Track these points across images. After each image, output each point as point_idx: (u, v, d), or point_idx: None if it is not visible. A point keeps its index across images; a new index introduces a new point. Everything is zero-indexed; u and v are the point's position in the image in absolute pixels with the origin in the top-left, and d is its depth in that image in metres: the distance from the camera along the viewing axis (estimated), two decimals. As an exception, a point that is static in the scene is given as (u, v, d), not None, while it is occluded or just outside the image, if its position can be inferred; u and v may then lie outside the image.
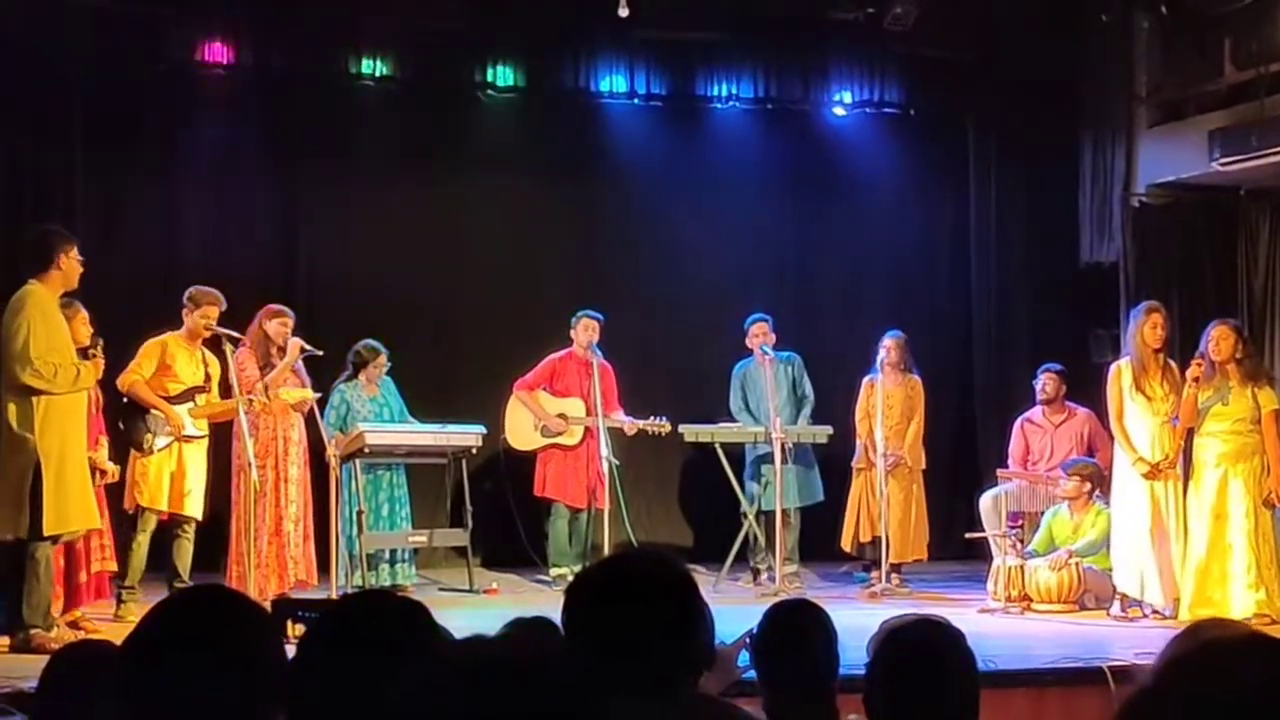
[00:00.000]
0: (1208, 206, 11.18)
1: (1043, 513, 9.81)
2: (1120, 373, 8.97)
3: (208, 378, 8.77)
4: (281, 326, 9.13)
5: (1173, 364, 8.98)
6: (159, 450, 8.55)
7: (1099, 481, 9.48)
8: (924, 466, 10.55)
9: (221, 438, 8.97)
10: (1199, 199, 11.16)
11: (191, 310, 8.71)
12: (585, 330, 10.34)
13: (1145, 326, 8.88)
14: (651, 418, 10.38)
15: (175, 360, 8.68)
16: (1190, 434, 8.84)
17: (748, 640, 3.86)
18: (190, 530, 8.72)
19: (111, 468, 8.40)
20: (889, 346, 10.31)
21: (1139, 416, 8.88)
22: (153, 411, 8.55)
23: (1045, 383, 10.27)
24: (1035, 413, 10.37)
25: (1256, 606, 8.48)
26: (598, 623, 2.52)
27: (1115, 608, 8.92)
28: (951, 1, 10.88)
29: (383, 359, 10.01)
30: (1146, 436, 8.86)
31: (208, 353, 8.84)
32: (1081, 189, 11.62)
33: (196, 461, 8.73)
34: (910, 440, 10.39)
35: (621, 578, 2.60)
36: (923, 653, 3.23)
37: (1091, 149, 11.54)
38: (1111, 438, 9.21)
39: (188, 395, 8.68)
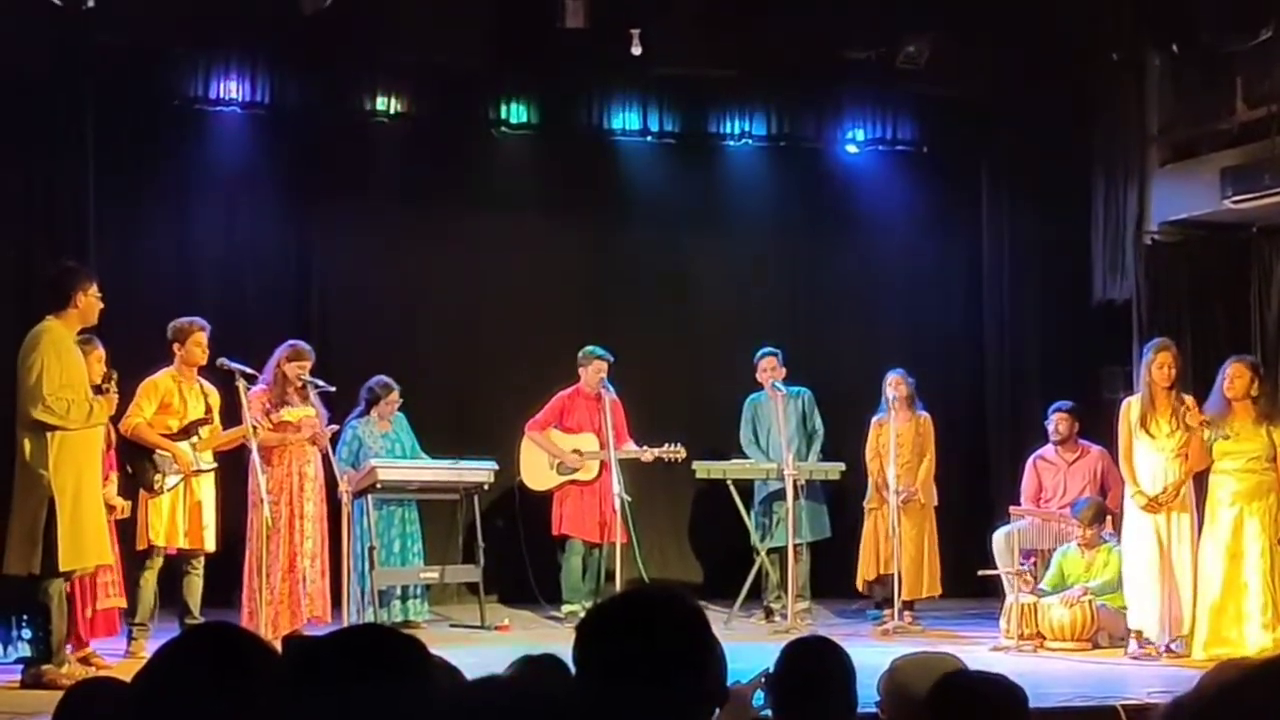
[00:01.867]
0: (1220, 244, 11.17)
1: (1054, 550, 9.78)
2: (1130, 409, 8.98)
3: (208, 409, 8.77)
4: (299, 368, 9.12)
5: (1186, 398, 8.97)
6: (169, 490, 8.55)
7: (1104, 519, 9.47)
8: (936, 503, 10.53)
9: (236, 471, 8.98)
10: (1211, 237, 11.16)
11: (181, 343, 8.69)
12: (594, 371, 10.36)
13: (1154, 365, 8.90)
14: (666, 445, 10.39)
15: (174, 396, 8.67)
16: (1203, 471, 8.83)
17: (764, 679, 3.84)
18: (200, 565, 8.71)
19: (121, 503, 8.41)
20: (893, 382, 10.30)
21: (1145, 453, 8.89)
22: (159, 451, 8.56)
23: (1058, 422, 10.25)
24: (1048, 450, 10.36)
25: (1274, 645, 8.43)
26: (608, 658, 2.49)
27: (1132, 646, 8.88)
28: (963, 40, 10.90)
29: (395, 395, 10.03)
30: (1151, 473, 8.86)
31: (205, 384, 8.84)
32: (1094, 226, 11.62)
33: (209, 495, 8.74)
34: (923, 477, 10.38)
35: (631, 612, 2.58)
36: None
37: (1104, 187, 11.55)
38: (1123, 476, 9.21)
39: (191, 429, 8.68)
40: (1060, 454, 10.29)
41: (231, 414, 8.86)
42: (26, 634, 7.48)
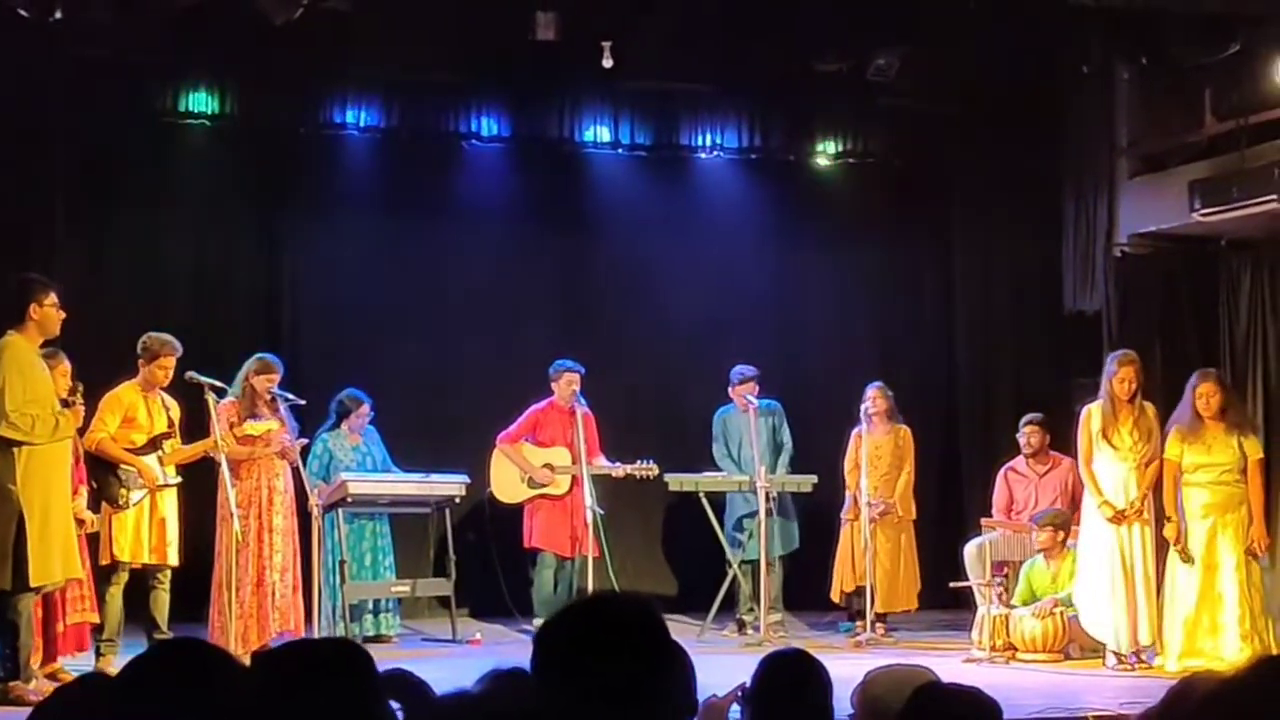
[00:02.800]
0: (1189, 257, 11.23)
1: (1025, 562, 9.80)
2: (1090, 417, 9.02)
3: (171, 422, 8.72)
4: (268, 381, 9.08)
5: (1148, 406, 9.01)
6: (134, 504, 8.49)
7: (1070, 529, 9.50)
8: (914, 516, 10.54)
9: (204, 485, 8.92)
10: (1180, 249, 11.22)
11: (148, 362, 8.62)
12: (567, 384, 10.34)
13: (1115, 379, 8.95)
14: (638, 461, 10.37)
15: (136, 410, 8.60)
16: (1159, 483, 8.87)
17: (739, 694, 3.81)
18: (166, 580, 8.64)
19: (90, 516, 8.33)
20: (873, 397, 10.32)
21: (1108, 463, 8.92)
22: (124, 466, 8.50)
23: (1029, 435, 10.28)
24: (1019, 462, 10.38)
25: (1253, 655, 8.45)
26: (567, 666, 2.44)
27: (1111, 659, 8.89)
28: (934, 54, 10.93)
29: (365, 408, 9.99)
30: (1114, 482, 8.89)
31: (167, 397, 8.78)
32: (1064, 239, 11.67)
33: (173, 509, 8.68)
34: (901, 489, 10.39)
35: (587, 620, 2.52)
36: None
37: (1074, 199, 11.61)
38: (1095, 486, 9.25)
39: (154, 444, 8.61)
40: (1031, 466, 10.31)
41: (197, 428, 8.80)
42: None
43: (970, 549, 9.99)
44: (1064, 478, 10.19)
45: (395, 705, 2.88)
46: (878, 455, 10.26)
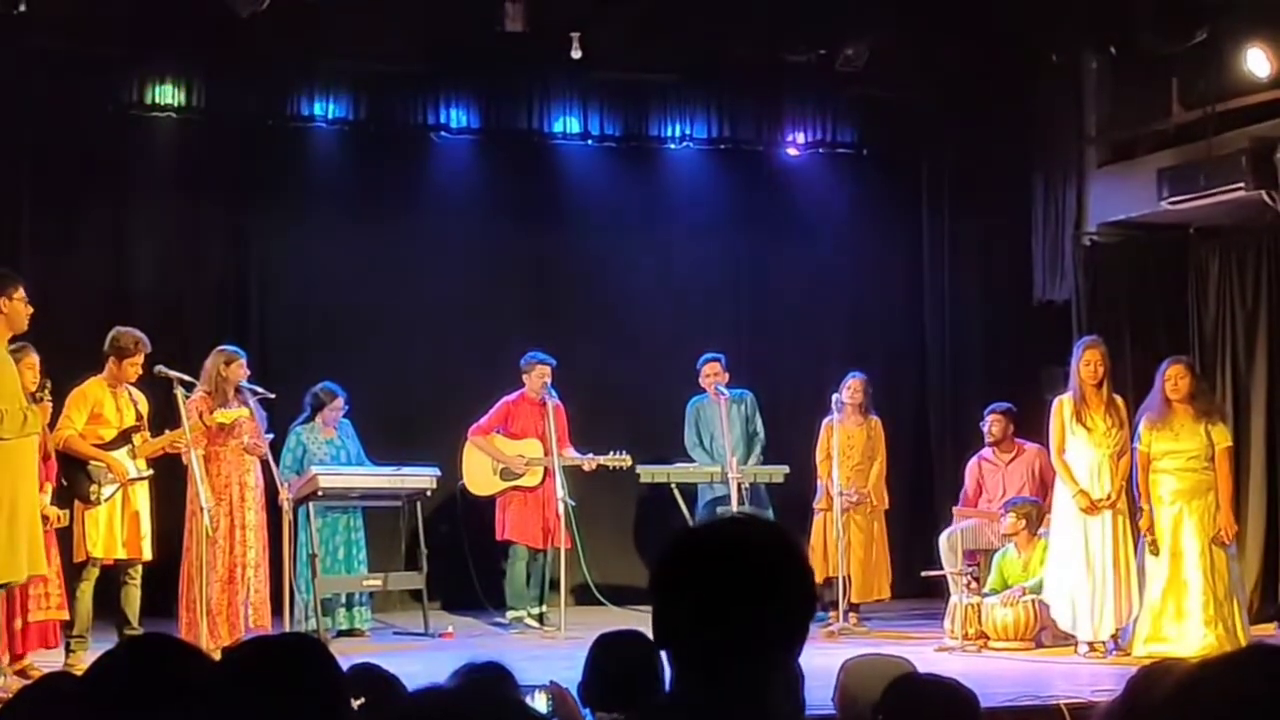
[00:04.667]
0: (1158, 245, 11.27)
1: (997, 551, 9.83)
2: (1061, 406, 9.06)
3: (140, 416, 8.67)
4: (239, 369, 9.04)
5: (1117, 398, 9.06)
6: (106, 499, 8.43)
7: (1039, 518, 9.52)
8: (886, 506, 10.56)
9: (174, 480, 8.87)
10: (1149, 237, 11.25)
11: (118, 358, 8.57)
12: (538, 376, 10.32)
13: (1081, 364, 8.99)
14: (611, 453, 10.36)
15: (104, 406, 8.55)
16: (1133, 471, 8.90)
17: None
18: (137, 575, 8.60)
19: (55, 512, 8.24)
20: (854, 387, 10.33)
21: (1081, 448, 8.95)
22: (93, 462, 8.44)
23: (992, 424, 10.32)
24: (987, 451, 10.42)
25: (1217, 642, 8.50)
26: (691, 584, 2.31)
27: (1083, 647, 8.93)
28: (903, 43, 10.94)
29: (339, 402, 9.96)
30: (1088, 469, 8.92)
31: (135, 390, 8.73)
32: (1034, 227, 11.70)
33: (145, 503, 8.63)
34: (874, 480, 10.41)
35: (723, 540, 2.36)
36: None
37: (1043, 188, 11.63)
38: (1063, 472, 9.31)
39: (123, 438, 8.56)
40: (997, 455, 10.35)
41: (165, 422, 8.76)
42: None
43: (943, 539, 10.02)
44: (1030, 463, 10.24)
45: (362, 700, 2.87)
46: (850, 445, 10.28)
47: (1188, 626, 8.68)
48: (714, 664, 2.24)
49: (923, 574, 10.19)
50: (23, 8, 8.90)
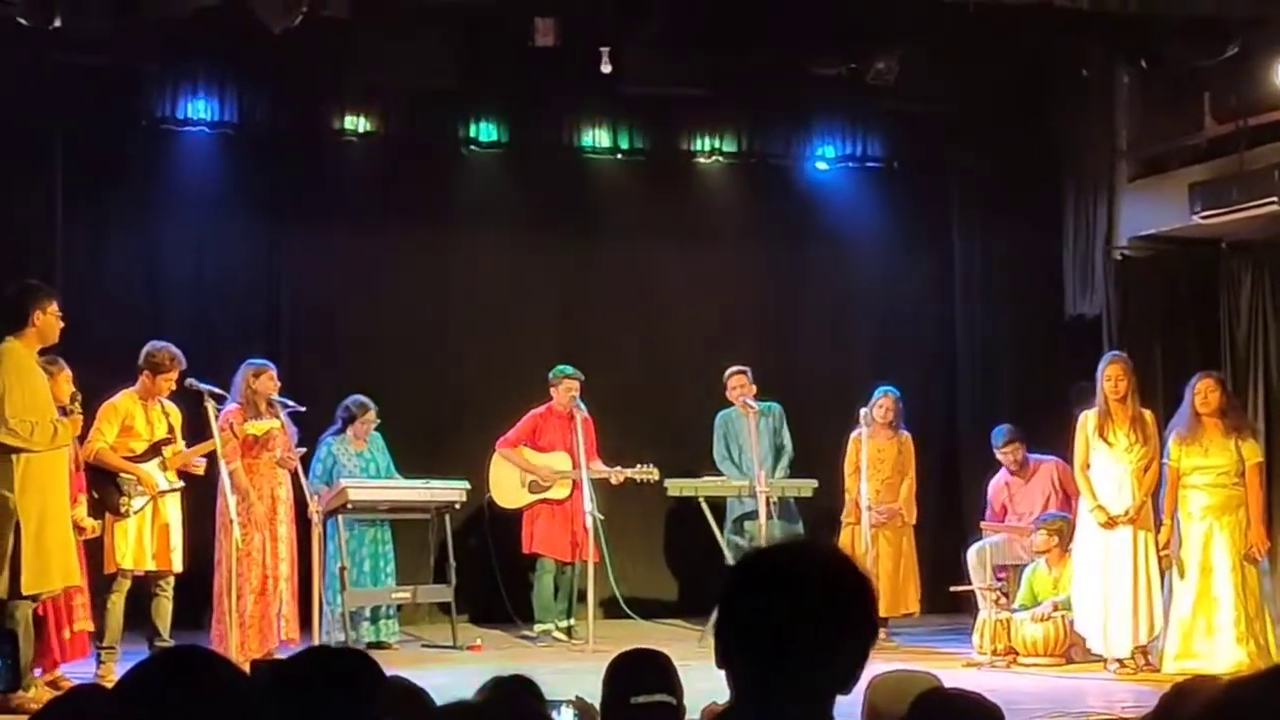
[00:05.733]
0: (1189, 259, 11.22)
1: (1027, 565, 9.80)
2: (1086, 421, 9.04)
3: (170, 428, 8.71)
4: (269, 381, 9.09)
5: (1145, 413, 9.02)
6: (136, 511, 8.48)
7: (1070, 534, 9.49)
8: (914, 521, 10.53)
9: (203, 491, 8.92)
10: (1180, 252, 11.21)
11: (152, 373, 8.61)
12: (566, 390, 10.33)
13: (1104, 378, 8.97)
14: (639, 465, 10.36)
15: (135, 419, 8.60)
16: (1161, 485, 8.87)
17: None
18: (169, 587, 8.64)
19: (91, 524, 8.32)
20: (885, 405, 10.30)
21: (1104, 463, 8.93)
22: (123, 475, 8.49)
23: (1010, 453, 10.30)
24: (1005, 473, 10.44)
25: (1249, 659, 8.45)
26: (757, 607, 2.25)
27: (1113, 664, 8.89)
28: (933, 57, 10.93)
29: (371, 415, 9.99)
30: (1113, 483, 8.89)
31: (167, 403, 8.77)
32: (1064, 242, 11.66)
33: (176, 515, 8.67)
34: (905, 495, 10.39)
35: (791, 564, 2.30)
36: None
37: (1074, 202, 11.59)
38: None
39: (154, 450, 8.61)
40: (1017, 475, 10.35)
41: (197, 435, 8.81)
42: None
43: (972, 553, 9.99)
44: (1049, 476, 10.24)
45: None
46: (879, 460, 10.25)
47: (1219, 643, 8.63)
48: (775, 689, 2.23)
49: (951, 589, 10.15)
50: (58, 23, 8.96)
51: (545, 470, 10.37)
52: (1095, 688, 8.40)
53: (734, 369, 10.55)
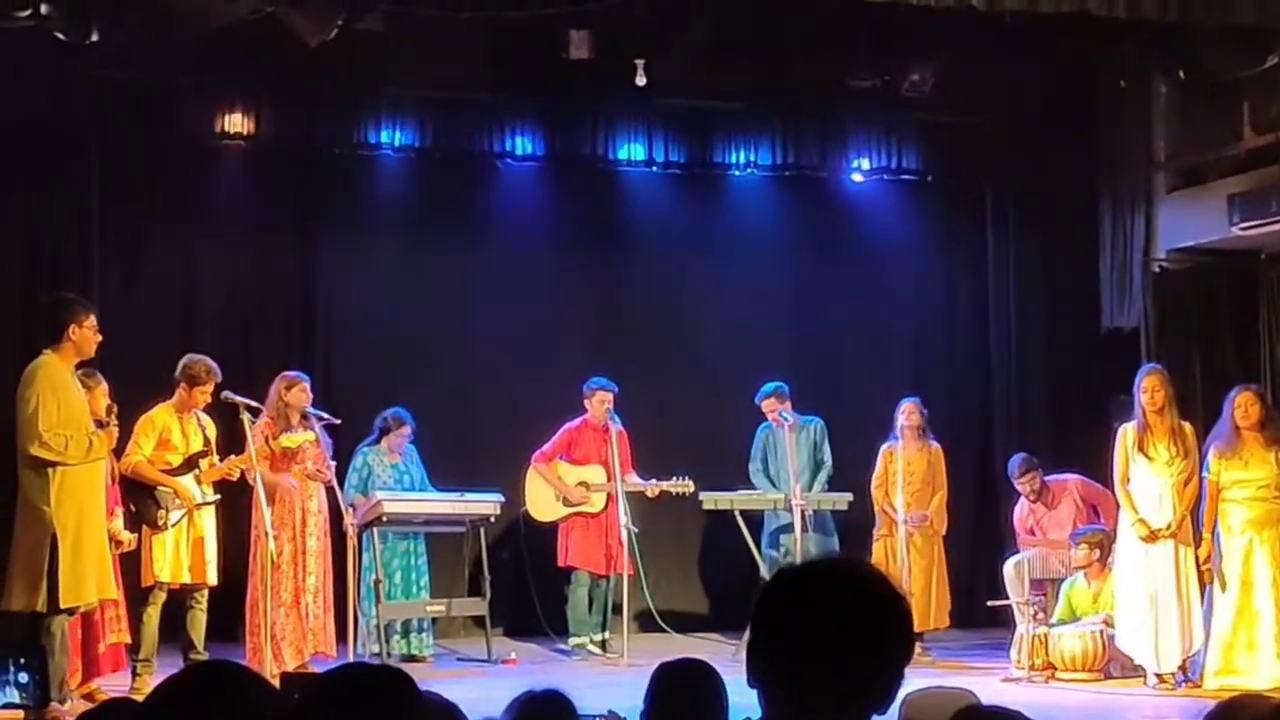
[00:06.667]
0: (1228, 271, 11.15)
1: (1064, 579, 9.73)
2: (1125, 434, 8.97)
3: (206, 441, 8.73)
4: (301, 394, 9.12)
5: (1185, 425, 8.95)
6: (173, 524, 8.51)
7: (1109, 546, 9.41)
8: (944, 531, 10.47)
9: (238, 504, 8.94)
10: (1219, 263, 11.14)
11: (189, 386, 8.64)
12: (600, 402, 10.33)
13: (1141, 391, 8.91)
14: (674, 478, 10.35)
15: (171, 432, 8.63)
16: (1201, 499, 8.79)
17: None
18: (203, 600, 8.67)
19: (128, 537, 8.36)
20: (909, 410, 10.27)
21: (1144, 477, 8.86)
22: (160, 488, 8.51)
23: (1028, 483, 10.29)
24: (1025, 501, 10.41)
25: (1288, 674, 8.38)
26: (791, 625, 2.23)
27: (1152, 679, 8.81)
28: (969, 68, 10.89)
29: (407, 429, 10.00)
30: (1153, 496, 8.82)
31: (203, 416, 8.80)
32: (1101, 254, 11.60)
33: (211, 528, 8.70)
34: (935, 506, 10.34)
35: (826, 582, 2.27)
36: None
37: (1111, 214, 11.53)
38: (1111, 495, 9.24)
39: (191, 463, 8.64)
40: (1039, 503, 10.32)
41: (232, 447, 8.84)
42: (22, 678, 7.37)
43: (1009, 567, 9.93)
44: (1072, 495, 10.19)
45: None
46: (910, 471, 10.20)
47: (1259, 659, 8.55)
48: (808, 708, 2.21)
49: (989, 604, 10.09)
50: (95, 39, 9.02)
51: (576, 490, 10.35)
52: (1134, 703, 8.33)
53: (764, 392, 10.49)
